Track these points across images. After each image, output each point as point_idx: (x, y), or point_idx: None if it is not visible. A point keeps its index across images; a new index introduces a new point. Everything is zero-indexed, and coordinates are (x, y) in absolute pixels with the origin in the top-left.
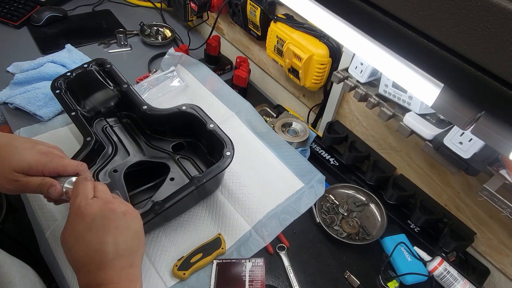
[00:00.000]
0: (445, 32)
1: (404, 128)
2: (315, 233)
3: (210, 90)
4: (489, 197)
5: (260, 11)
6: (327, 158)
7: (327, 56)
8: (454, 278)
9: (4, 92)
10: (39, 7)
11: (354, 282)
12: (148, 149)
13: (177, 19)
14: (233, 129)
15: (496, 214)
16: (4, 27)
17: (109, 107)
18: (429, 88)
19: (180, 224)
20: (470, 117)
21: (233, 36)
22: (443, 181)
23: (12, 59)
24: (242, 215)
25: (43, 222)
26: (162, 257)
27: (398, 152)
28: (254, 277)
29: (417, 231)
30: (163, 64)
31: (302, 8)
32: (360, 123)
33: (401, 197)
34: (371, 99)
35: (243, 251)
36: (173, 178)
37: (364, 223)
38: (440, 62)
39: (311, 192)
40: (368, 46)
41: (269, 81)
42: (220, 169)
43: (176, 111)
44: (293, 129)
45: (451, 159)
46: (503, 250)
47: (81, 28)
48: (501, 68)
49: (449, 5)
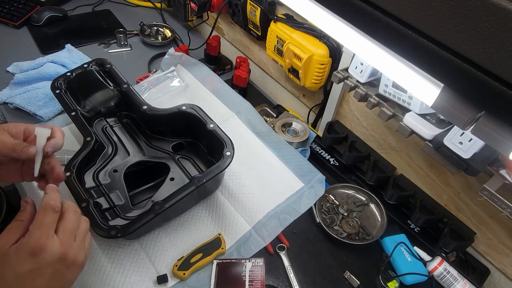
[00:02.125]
0: (445, 32)
1: (404, 128)
2: (315, 233)
3: (210, 90)
4: (489, 197)
5: (260, 11)
6: (327, 158)
7: (327, 56)
8: (454, 278)
9: (4, 92)
10: (39, 7)
11: (354, 282)
12: (148, 149)
13: (177, 19)
14: (233, 129)
15: (496, 214)
16: (4, 27)
17: (109, 107)
18: (429, 88)
19: (180, 224)
20: (470, 117)
21: (233, 36)
22: (443, 181)
23: (12, 59)
24: (242, 215)
25: None
26: (162, 257)
27: (398, 152)
28: (254, 277)
29: (417, 231)
30: (163, 64)
31: (302, 8)
32: (360, 123)
33: (401, 197)
34: (371, 99)
35: (243, 251)
36: (173, 178)
37: (364, 223)
38: (440, 62)
39: (311, 192)
40: (368, 46)
41: (269, 81)
42: (220, 169)
43: (176, 111)
44: (293, 129)
45: (451, 159)
46: (503, 250)
47: (81, 28)
48: (501, 68)
49: (449, 5)
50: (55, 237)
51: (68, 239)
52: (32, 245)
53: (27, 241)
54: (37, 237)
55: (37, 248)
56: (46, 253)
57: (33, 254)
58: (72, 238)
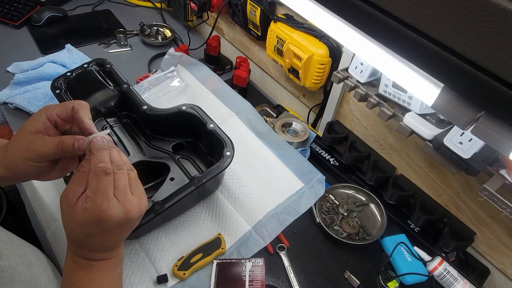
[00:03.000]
0: (445, 32)
1: (404, 128)
2: (315, 233)
3: (210, 90)
4: (489, 197)
5: (260, 11)
6: (327, 158)
7: (327, 56)
8: (454, 278)
9: (4, 92)
10: (39, 7)
11: (354, 282)
12: (148, 149)
13: (177, 19)
14: (233, 129)
15: (496, 214)
16: (4, 27)
17: (109, 107)
18: (429, 88)
19: (180, 224)
20: (470, 117)
21: (233, 36)
22: (443, 181)
23: (12, 59)
24: (242, 215)
25: (44, 222)
26: (162, 257)
27: (398, 152)
28: (254, 277)
29: (417, 231)
30: (163, 64)
31: (302, 8)
32: (360, 123)
33: (401, 197)
34: (371, 99)
35: (243, 251)
36: (173, 178)
37: (364, 223)
38: (440, 62)
39: (311, 192)
40: (368, 46)
41: (269, 81)
42: (220, 169)
43: (176, 111)
44: (293, 129)
45: (451, 159)
46: (503, 250)
47: (81, 28)
48: (501, 68)
49: (449, 5)
50: (115, 200)
51: (126, 196)
52: (95, 213)
53: (90, 208)
54: (98, 204)
55: (102, 216)
56: (111, 218)
57: (99, 221)
58: (128, 193)
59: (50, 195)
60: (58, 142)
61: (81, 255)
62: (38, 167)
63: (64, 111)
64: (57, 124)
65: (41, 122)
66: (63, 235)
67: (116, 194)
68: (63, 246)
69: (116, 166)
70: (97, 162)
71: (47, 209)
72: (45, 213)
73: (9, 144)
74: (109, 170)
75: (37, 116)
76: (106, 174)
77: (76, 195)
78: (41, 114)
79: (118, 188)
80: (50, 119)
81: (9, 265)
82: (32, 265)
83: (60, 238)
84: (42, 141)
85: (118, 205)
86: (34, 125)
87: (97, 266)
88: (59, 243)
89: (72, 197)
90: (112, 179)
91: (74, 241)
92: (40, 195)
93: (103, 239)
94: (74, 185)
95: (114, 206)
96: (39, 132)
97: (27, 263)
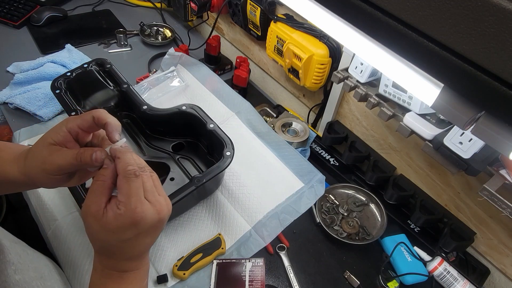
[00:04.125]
0: (445, 32)
1: (404, 128)
2: (315, 233)
3: (210, 90)
4: (489, 197)
5: (260, 11)
6: (327, 158)
7: (327, 56)
8: (454, 278)
9: (4, 92)
10: (39, 7)
11: (354, 282)
12: (148, 149)
13: (177, 19)
14: (233, 129)
15: (496, 214)
16: (4, 27)
17: (109, 107)
18: (429, 88)
19: (180, 224)
20: (470, 117)
21: (233, 36)
22: (443, 181)
23: (12, 59)
24: (242, 215)
25: (44, 222)
26: (162, 257)
27: (398, 152)
28: (254, 277)
29: (417, 231)
30: (163, 64)
31: (302, 8)
32: (360, 123)
33: (401, 197)
34: (371, 99)
35: (243, 251)
36: (173, 178)
37: (364, 223)
38: (440, 62)
39: (311, 192)
40: (368, 46)
41: (269, 81)
42: (220, 169)
43: (176, 111)
44: (293, 129)
45: (451, 159)
46: (503, 250)
47: (81, 28)
48: (501, 68)
49: (449, 5)
50: (146, 201)
51: (155, 197)
52: (131, 216)
53: (125, 212)
54: (133, 207)
55: (138, 218)
56: (146, 219)
57: (135, 224)
58: (156, 194)
59: (50, 195)
60: (77, 154)
61: (113, 266)
62: (55, 179)
63: (85, 122)
64: (78, 137)
65: (61, 135)
66: (63, 235)
67: (146, 196)
68: (63, 246)
69: (140, 169)
70: (125, 165)
71: (47, 209)
72: (45, 213)
73: (28, 153)
74: (138, 172)
75: (57, 128)
76: (136, 176)
77: (101, 206)
78: (62, 127)
79: (146, 189)
80: (71, 132)
81: (24, 279)
82: (45, 278)
83: (60, 238)
84: (61, 153)
85: (150, 206)
86: (54, 137)
87: (127, 278)
88: (59, 243)
89: (98, 208)
90: (141, 181)
91: (106, 252)
92: (40, 195)
93: (137, 243)
94: (95, 196)
95: (148, 207)
96: (57, 145)
97: (41, 277)
